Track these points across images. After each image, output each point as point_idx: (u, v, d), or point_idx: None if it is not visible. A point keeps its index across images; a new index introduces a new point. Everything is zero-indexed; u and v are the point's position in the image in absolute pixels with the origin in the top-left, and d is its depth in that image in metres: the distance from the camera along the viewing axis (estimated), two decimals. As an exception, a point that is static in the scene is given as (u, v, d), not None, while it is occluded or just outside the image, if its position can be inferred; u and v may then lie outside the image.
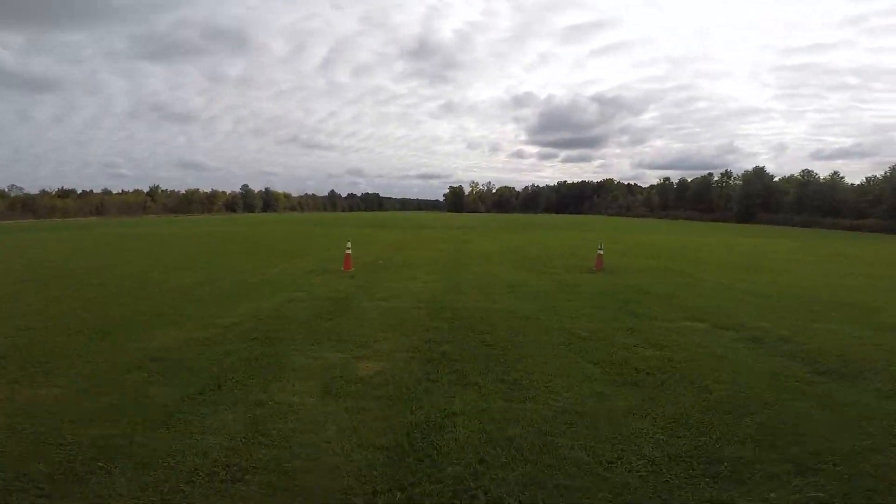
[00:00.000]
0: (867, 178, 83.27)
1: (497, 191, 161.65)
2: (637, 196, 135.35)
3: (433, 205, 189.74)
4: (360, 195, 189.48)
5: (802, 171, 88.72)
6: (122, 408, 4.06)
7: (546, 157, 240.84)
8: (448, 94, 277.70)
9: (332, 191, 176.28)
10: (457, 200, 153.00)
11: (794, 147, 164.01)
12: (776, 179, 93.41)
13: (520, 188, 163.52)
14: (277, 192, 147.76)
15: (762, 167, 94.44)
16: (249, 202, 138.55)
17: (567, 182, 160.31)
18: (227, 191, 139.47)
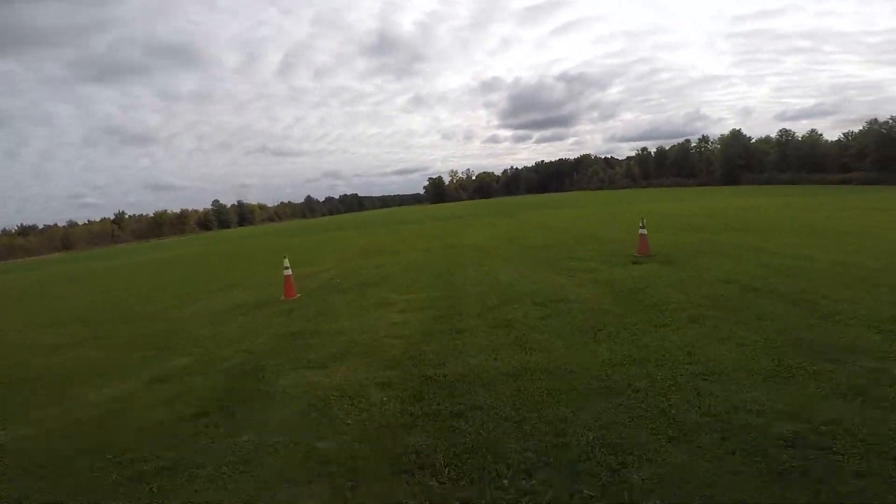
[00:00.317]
0: (845, 134, 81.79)
1: (477, 177, 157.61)
2: (616, 169, 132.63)
3: (415, 198, 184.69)
4: (339, 197, 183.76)
5: (780, 131, 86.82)
6: None
7: (520, 140, 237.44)
8: (416, 87, 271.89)
9: (309, 196, 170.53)
10: (438, 191, 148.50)
11: (760, 110, 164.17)
12: (753, 141, 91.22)
13: (499, 172, 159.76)
14: (252, 204, 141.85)
15: (738, 129, 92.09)
16: (224, 218, 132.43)
17: (545, 161, 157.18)
18: (200, 209, 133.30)
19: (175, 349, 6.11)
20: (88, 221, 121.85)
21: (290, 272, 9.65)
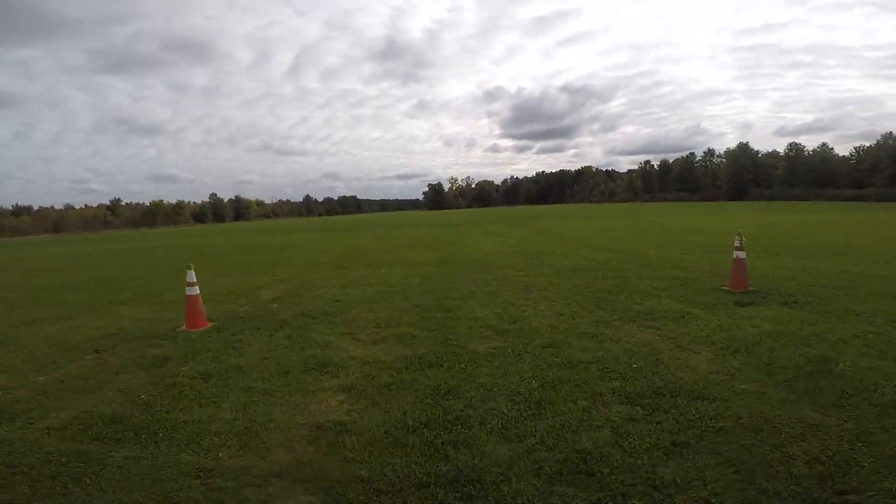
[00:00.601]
0: (856, 148, 78.74)
1: (477, 185, 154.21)
2: (617, 181, 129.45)
3: (414, 204, 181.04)
4: (338, 199, 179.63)
5: (789, 145, 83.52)
6: None
7: (521, 150, 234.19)
8: (421, 93, 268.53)
9: (308, 196, 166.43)
10: (437, 198, 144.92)
11: (759, 125, 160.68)
12: (761, 155, 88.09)
13: (499, 181, 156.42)
14: (249, 200, 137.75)
15: (746, 143, 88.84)
16: (219, 212, 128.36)
17: (546, 172, 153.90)
18: (199, 201, 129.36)
19: None
20: (85, 206, 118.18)
21: (197, 291, 5.94)
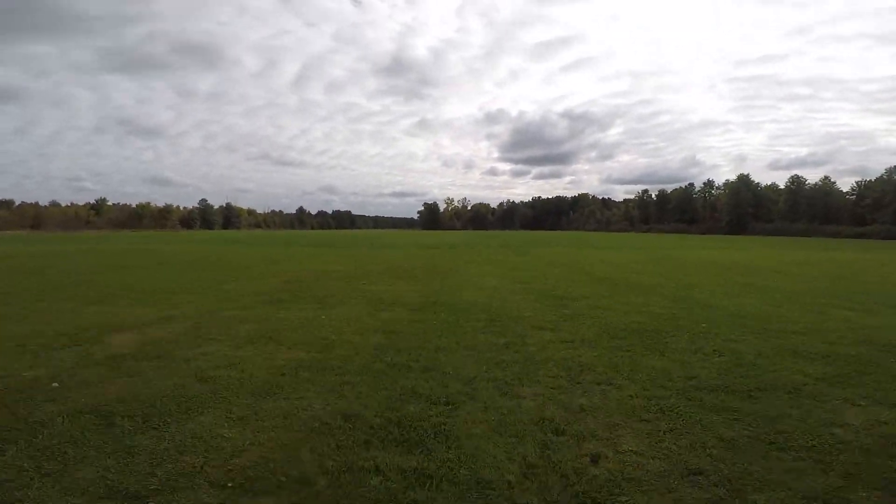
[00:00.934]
0: (857, 183, 76.57)
1: (473, 207, 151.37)
2: (614, 210, 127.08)
3: (408, 223, 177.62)
4: (332, 213, 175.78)
5: (791, 178, 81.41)
6: None
7: (518, 174, 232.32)
8: (423, 111, 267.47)
9: (301, 207, 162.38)
10: (432, 217, 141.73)
11: (753, 158, 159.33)
12: (762, 187, 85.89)
13: (495, 205, 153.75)
14: (240, 208, 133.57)
15: (747, 175, 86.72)
16: (208, 218, 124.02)
17: (542, 198, 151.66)
18: (189, 206, 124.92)
19: None
20: (72, 204, 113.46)
21: None
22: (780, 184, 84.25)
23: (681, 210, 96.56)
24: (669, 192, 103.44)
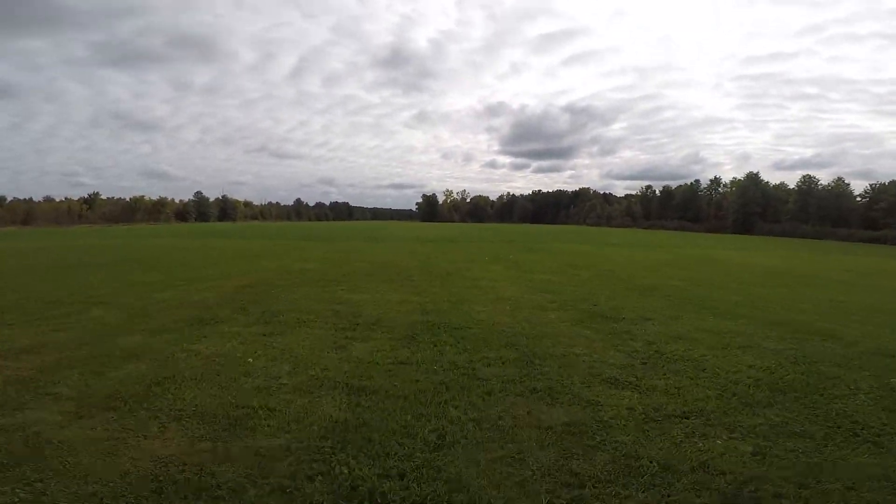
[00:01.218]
0: (871, 186, 73.99)
1: (472, 200, 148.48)
2: (615, 206, 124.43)
3: (407, 214, 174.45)
4: (330, 204, 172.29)
5: (803, 178, 78.69)
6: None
7: (518, 168, 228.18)
8: (422, 104, 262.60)
9: (299, 199, 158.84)
10: (430, 209, 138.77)
11: (757, 157, 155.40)
12: (771, 186, 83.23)
13: (494, 198, 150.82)
14: (236, 200, 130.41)
15: (756, 173, 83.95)
16: (204, 211, 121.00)
17: (542, 191, 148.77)
18: (185, 199, 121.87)
19: None
20: (66, 199, 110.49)
21: None
22: (786, 184, 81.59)
23: (685, 207, 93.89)
24: (673, 189, 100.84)
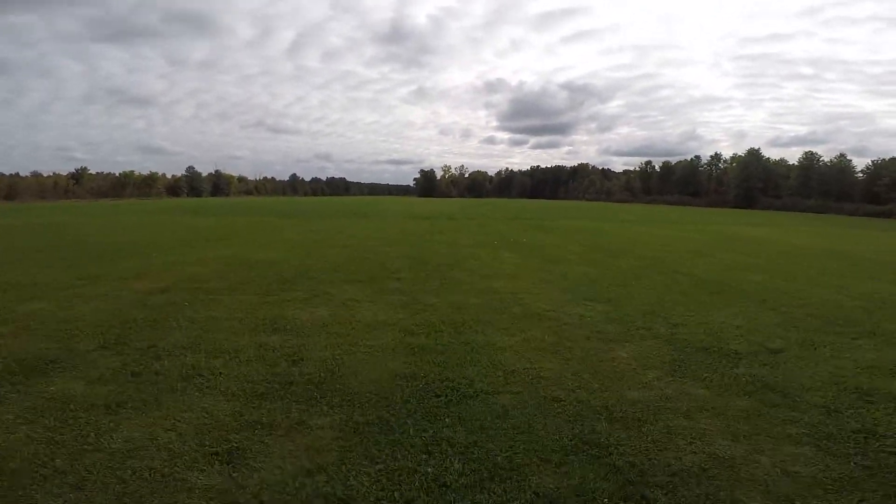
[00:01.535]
0: (873, 162, 71.43)
1: (470, 175, 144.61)
2: (614, 181, 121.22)
3: (404, 190, 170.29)
4: (326, 179, 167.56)
5: (805, 154, 75.99)
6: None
7: (517, 144, 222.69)
8: (421, 80, 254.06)
9: (294, 174, 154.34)
10: (428, 185, 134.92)
11: (753, 135, 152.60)
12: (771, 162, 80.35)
13: (492, 173, 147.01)
14: (230, 175, 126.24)
15: (757, 149, 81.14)
16: (196, 186, 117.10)
17: (541, 167, 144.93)
18: (178, 174, 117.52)
19: None
20: (54, 174, 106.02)
21: None
22: (786, 160, 79.19)
23: (685, 182, 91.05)
24: (673, 164, 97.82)
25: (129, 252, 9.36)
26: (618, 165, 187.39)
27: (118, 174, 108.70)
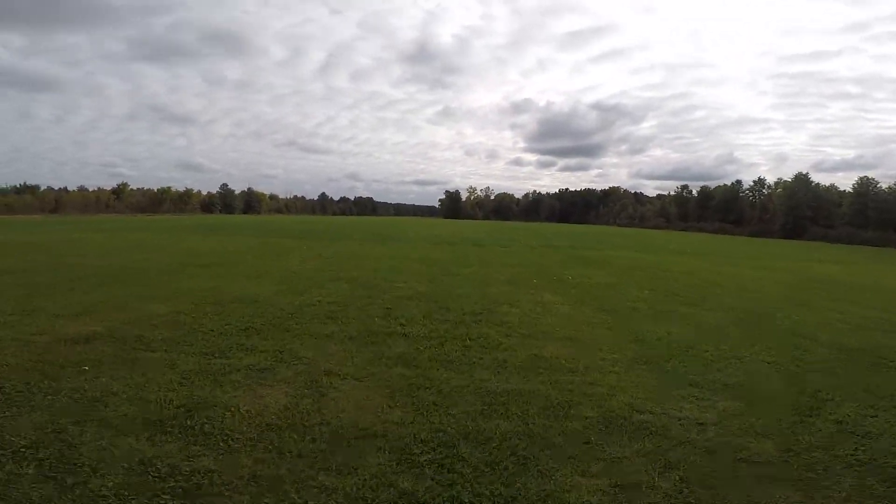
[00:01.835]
0: (939, 188, 65.85)
1: (496, 197, 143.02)
2: (647, 206, 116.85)
3: (429, 210, 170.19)
4: (354, 199, 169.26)
5: (860, 179, 70.70)
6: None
7: (544, 165, 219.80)
8: (447, 100, 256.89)
9: (324, 193, 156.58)
10: (453, 206, 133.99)
11: (794, 158, 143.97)
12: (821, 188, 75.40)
13: (519, 195, 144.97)
14: (261, 193, 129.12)
15: (805, 174, 76.43)
16: (229, 202, 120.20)
17: (570, 190, 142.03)
18: (212, 191, 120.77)
19: None
20: (98, 189, 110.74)
21: None
22: (836, 186, 74.12)
23: (725, 209, 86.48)
24: (712, 189, 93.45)
25: (97, 281, 7.84)
26: (650, 189, 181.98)
27: (156, 190, 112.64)
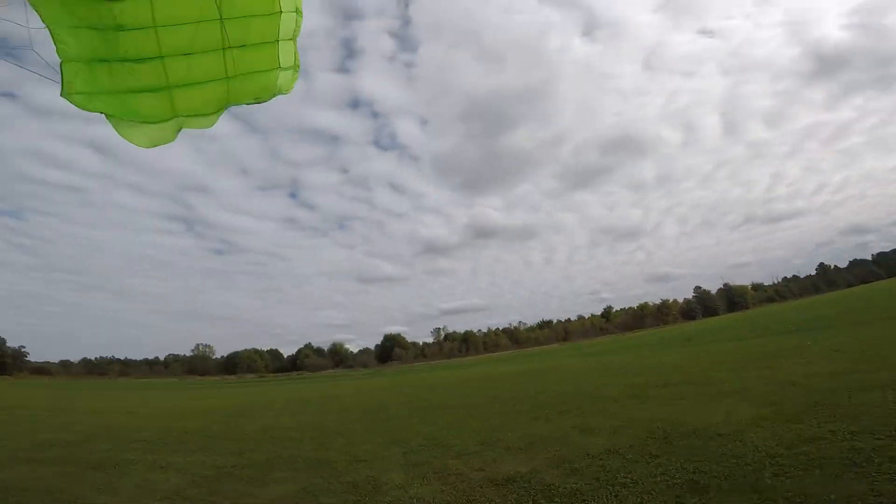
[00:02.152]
0: None
1: None
2: None
3: None
4: (872, 258, 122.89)
5: None
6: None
7: None
8: None
9: (822, 264, 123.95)
10: None
11: None
12: None
13: None
14: (740, 286, 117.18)
15: None
16: (709, 304, 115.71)
17: None
18: (688, 296, 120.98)
19: None
20: (590, 315, 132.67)
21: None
22: None
23: None
24: None
25: (556, 410, 9.07)
26: None
27: (636, 307, 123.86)
